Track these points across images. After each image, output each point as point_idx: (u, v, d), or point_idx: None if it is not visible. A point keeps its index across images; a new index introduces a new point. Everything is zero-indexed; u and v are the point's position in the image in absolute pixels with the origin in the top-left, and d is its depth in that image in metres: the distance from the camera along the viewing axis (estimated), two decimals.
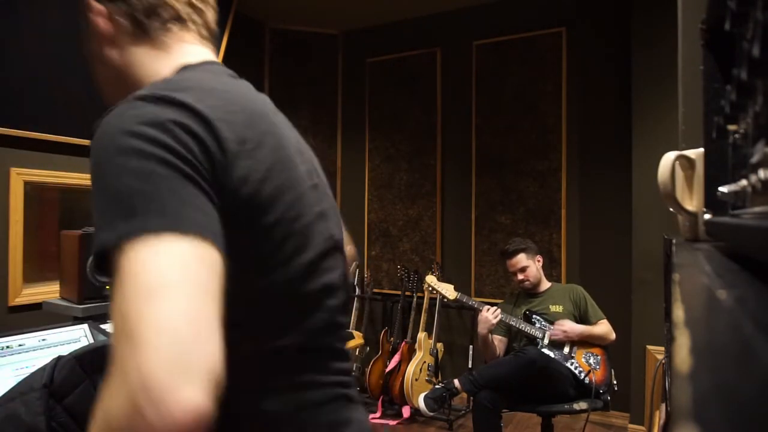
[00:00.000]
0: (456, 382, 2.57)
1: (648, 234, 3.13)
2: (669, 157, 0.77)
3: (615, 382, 2.65)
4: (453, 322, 4.12)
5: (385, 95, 4.42)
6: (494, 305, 2.75)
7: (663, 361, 1.58)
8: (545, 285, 2.91)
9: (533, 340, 2.72)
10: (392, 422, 3.57)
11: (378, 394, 3.78)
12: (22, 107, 2.61)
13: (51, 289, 2.62)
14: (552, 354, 2.62)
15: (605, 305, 2.83)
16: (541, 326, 2.74)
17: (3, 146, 2.55)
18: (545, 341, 2.68)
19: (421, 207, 4.26)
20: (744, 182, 0.41)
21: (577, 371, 2.58)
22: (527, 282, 2.85)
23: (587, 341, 2.69)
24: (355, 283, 4.23)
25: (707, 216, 0.63)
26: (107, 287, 1.83)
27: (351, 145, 4.56)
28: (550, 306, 2.80)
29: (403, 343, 3.84)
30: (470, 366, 3.70)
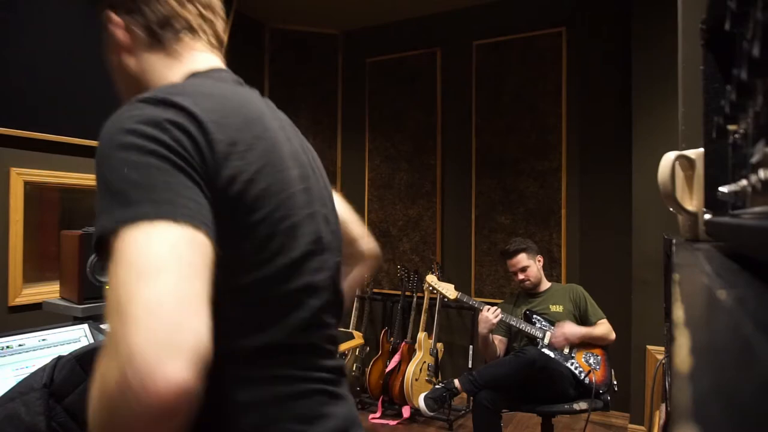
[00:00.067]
0: (456, 382, 2.57)
1: (648, 234, 3.13)
2: (669, 157, 0.77)
3: (615, 382, 2.65)
4: (453, 322, 4.12)
5: (385, 95, 4.42)
6: (494, 305, 2.75)
7: (663, 361, 1.58)
8: (545, 285, 2.91)
9: (533, 340, 2.72)
10: (392, 422, 3.58)
11: (378, 394, 3.78)
12: (22, 107, 2.61)
13: (51, 289, 2.62)
14: (552, 354, 2.62)
15: (605, 305, 2.83)
16: (542, 326, 2.74)
17: (3, 146, 2.55)
18: (545, 341, 2.68)
19: (421, 207, 4.26)
20: (744, 182, 0.41)
21: (577, 371, 2.58)
22: (528, 282, 2.85)
23: (588, 342, 2.69)
24: None
25: (707, 216, 0.63)
26: (107, 287, 1.83)
27: (351, 145, 4.56)
28: (550, 306, 2.80)
29: (403, 343, 3.84)
30: (470, 366, 3.70)
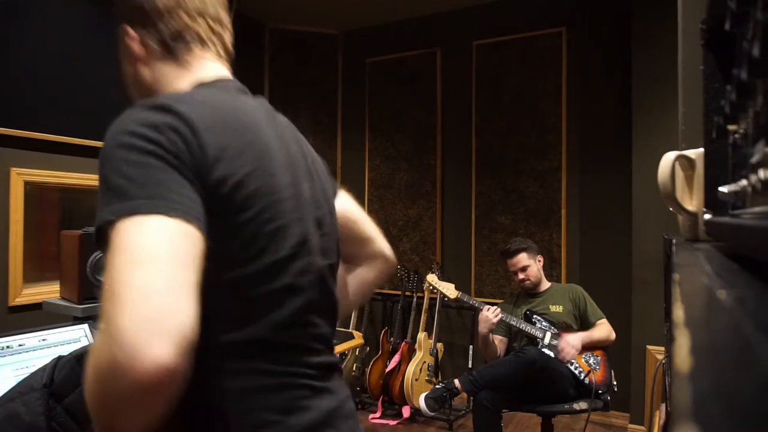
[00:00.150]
0: (456, 382, 2.57)
1: (648, 234, 3.13)
2: (669, 157, 0.77)
3: (615, 383, 2.65)
4: (453, 322, 4.12)
5: (385, 95, 4.41)
6: (494, 305, 2.75)
7: (663, 361, 1.58)
8: (545, 285, 2.91)
9: (533, 340, 2.72)
10: (392, 422, 3.58)
11: (378, 394, 3.78)
12: (22, 107, 2.61)
13: (51, 289, 2.62)
14: (552, 354, 2.61)
15: (605, 305, 2.83)
16: (542, 326, 2.73)
17: (3, 146, 2.55)
18: (545, 341, 2.68)
19: (421, 207, 4.25)
20: (744, 182, 0.41)
21: (577, 371, 2.58)
22: (528, 282, 2.84)
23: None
24: None
25: (707, 216, 0.63)
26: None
27: (351, 145, 4.56)
28: (550, 306, 2.80)
29: (403, 343, 3.84)
30: (470, 366, 3.70)
